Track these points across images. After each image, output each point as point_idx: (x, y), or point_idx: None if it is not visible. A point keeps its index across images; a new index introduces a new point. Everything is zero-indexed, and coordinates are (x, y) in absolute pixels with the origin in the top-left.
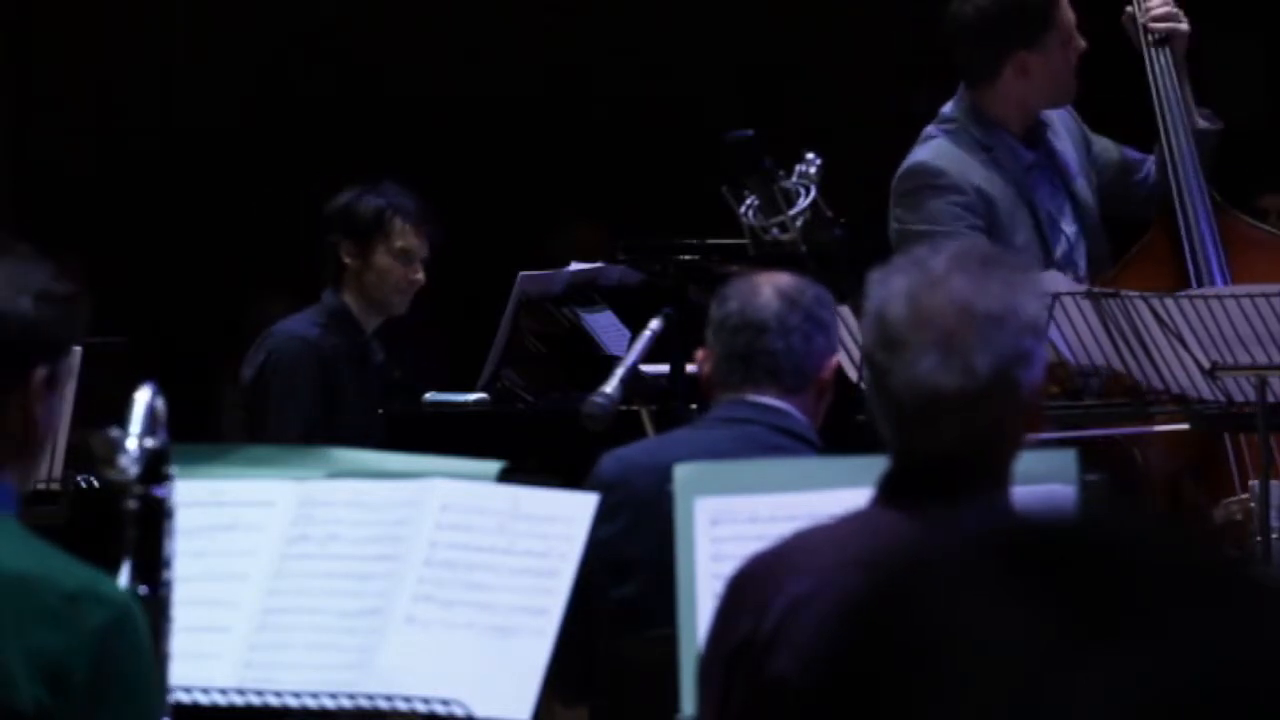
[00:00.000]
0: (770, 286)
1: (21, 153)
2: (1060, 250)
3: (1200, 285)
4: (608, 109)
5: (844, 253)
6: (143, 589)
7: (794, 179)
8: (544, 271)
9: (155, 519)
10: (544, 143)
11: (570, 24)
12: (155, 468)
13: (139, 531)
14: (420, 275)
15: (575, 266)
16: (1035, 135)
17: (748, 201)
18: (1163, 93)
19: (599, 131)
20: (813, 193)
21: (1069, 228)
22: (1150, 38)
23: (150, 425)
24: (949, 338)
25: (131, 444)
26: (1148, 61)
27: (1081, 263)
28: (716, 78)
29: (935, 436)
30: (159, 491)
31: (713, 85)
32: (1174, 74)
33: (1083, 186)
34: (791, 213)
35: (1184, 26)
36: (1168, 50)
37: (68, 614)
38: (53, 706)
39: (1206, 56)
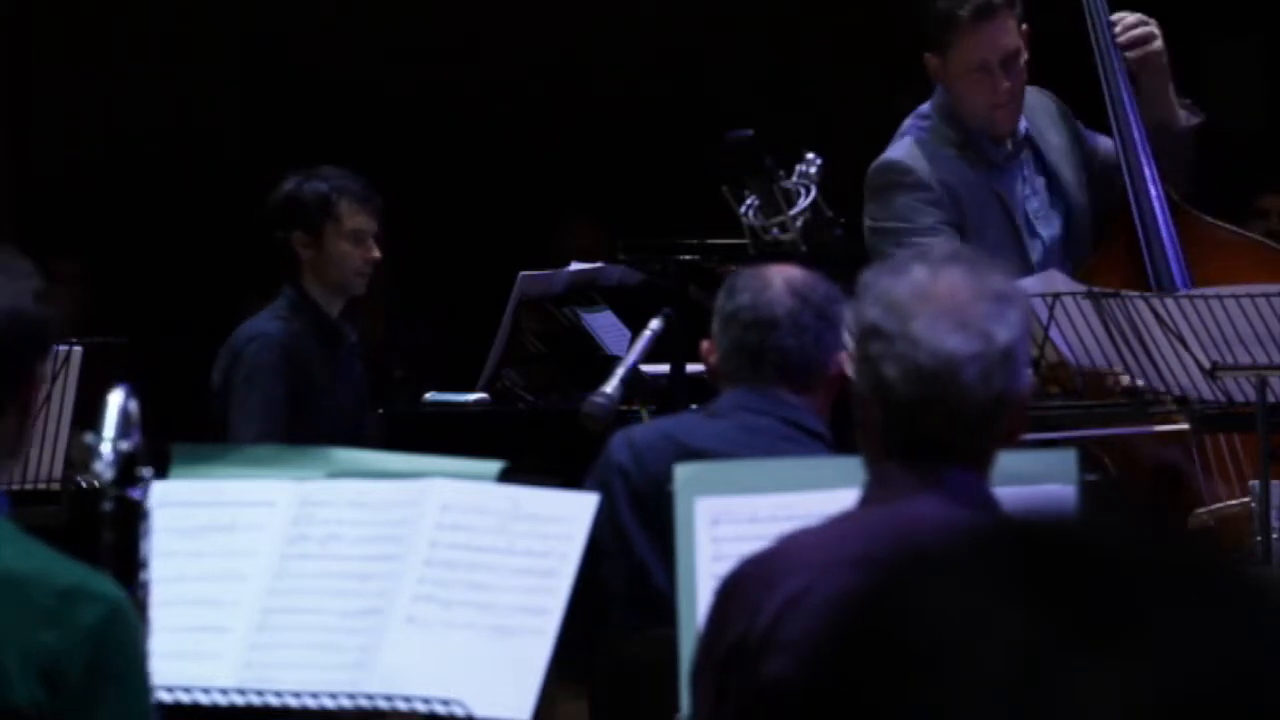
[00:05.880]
0: (781, 280)
1: (21, 153)
2: (1036, 254)
3: (1159, 287)
4: (608, 108)
5: (844, 253)
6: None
7: (794, 179)
8: (544, 271)
9: (132, 520)
10: (544, 142)
11: (571, 23)
12: (129, 470)
13: (120, 533)
14: (376, 253)
15: (575, 266)
16: (1014, 135)
17: (748, 201)
18: (1116, 94)
19: (599, 131)
20: (813, 193)
21: (1046, 231)
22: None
23: (124, 427)
24: (962, 309)
25: (105, 447)
26: (1101, 64)
27: (1065, 265)
28: (717, 78)
29: (936, 408)
30: (134, 493)
31: (713, 85)
32: (1127, 77)
33: (1070, 185)
34: (791, 213)
35: (1156, 46)
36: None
37: (62, 611)
38: (49, 704)
39: (1207, 58)
